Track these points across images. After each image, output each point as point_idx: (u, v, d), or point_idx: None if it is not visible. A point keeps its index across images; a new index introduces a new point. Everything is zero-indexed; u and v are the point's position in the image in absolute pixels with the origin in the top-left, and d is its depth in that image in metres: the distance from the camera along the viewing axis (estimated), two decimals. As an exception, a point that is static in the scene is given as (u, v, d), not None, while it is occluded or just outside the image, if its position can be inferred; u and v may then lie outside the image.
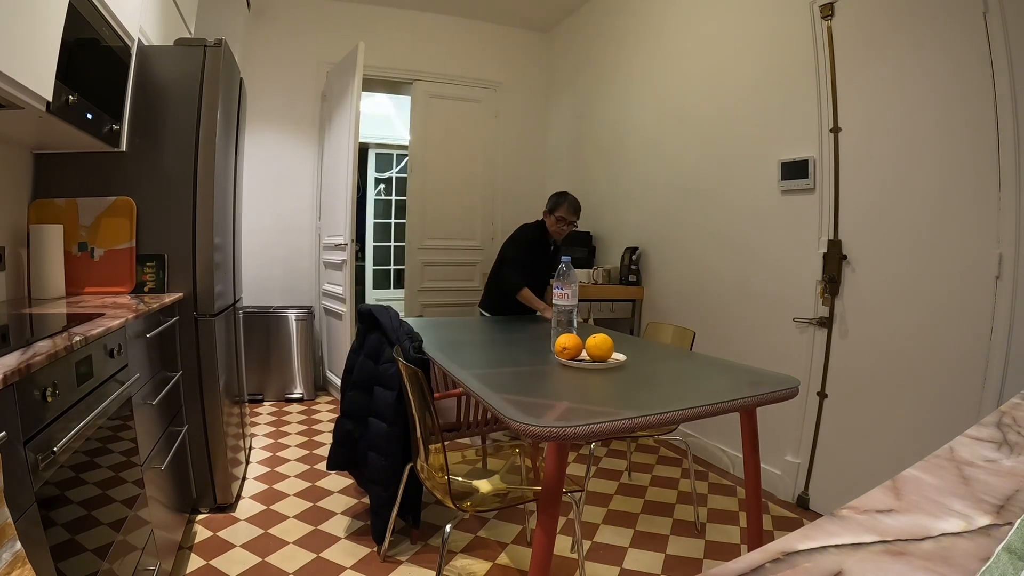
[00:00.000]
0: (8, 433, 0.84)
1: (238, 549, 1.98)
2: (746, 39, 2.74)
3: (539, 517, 1.31)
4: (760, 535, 1.66)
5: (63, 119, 1.52)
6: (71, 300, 1.83)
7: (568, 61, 4.49)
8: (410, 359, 1.80)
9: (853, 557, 0.39)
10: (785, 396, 1.49)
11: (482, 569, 1.93)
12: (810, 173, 2.36)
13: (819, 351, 2.35)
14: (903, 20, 2.03)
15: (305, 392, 3.83)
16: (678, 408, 1.31)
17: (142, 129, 2.06)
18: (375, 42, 3.97)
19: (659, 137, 3.36)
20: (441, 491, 1.59)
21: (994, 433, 0.63)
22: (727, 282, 2.82)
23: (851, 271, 2.24)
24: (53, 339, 1.10)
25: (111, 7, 1.75)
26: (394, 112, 6.22)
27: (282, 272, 4.08)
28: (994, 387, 1.78)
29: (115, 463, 1.33)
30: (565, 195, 2.86)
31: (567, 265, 1.86)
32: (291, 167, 4.09)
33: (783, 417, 2.47)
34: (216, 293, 2.19)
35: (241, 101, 2.68)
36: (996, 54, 1.75)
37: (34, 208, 1.97)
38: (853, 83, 2.21)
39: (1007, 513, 0.45)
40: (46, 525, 0.96)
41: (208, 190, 2.12)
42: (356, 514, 2.27)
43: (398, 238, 6.38)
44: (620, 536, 2.16)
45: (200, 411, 2.15)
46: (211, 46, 2.15)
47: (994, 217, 1.78)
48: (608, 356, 1.68)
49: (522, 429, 1.17)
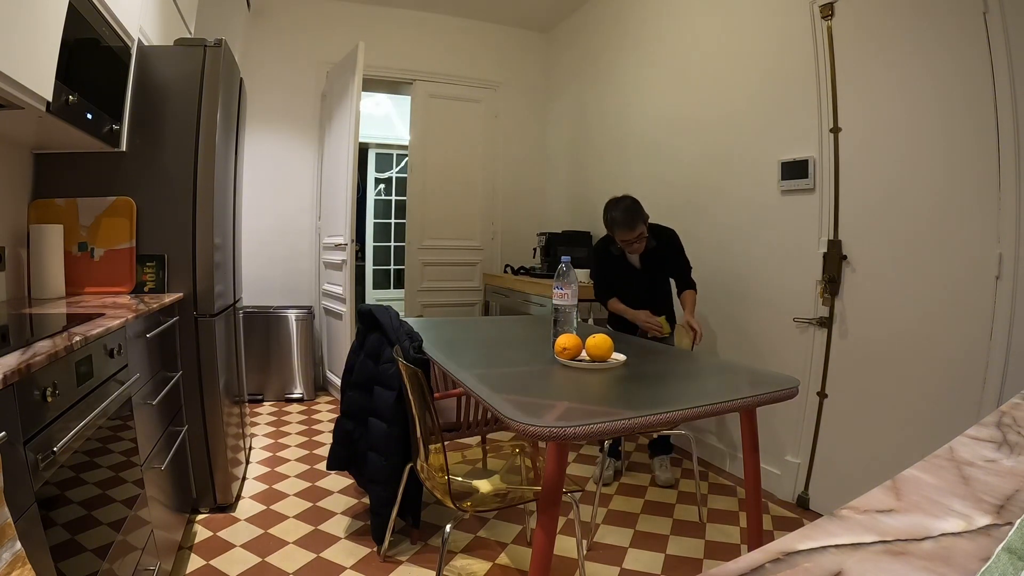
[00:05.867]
0: (8, 433, 0.84)
1: (238, 549, 1.98)
2: (746, 39, 2.74)
3: (539, 517, 1.31)
4: (760, 535, 1.66)
5: (63, 119, 1.52)
6: (71, 300, 1.83)
7: (568, 61, 4.49)
8: (410, 359, 1.80)
9: (853, 557, 0.39)
10: (785, 396, 1.49)
11: (482, 569, 1.93)
12: (810, 173, 2.36)
13: (819, 351, 2.35)
14: (903, 20, 2.03)
15: (305, 392, 3.83)
16: (678, 408, 1.31)
17: (142, 129, 2.06)
18: (375, 42, 3.97)
19: (659, 137, 3.36)
20: (441, 491, 1.59)
21: (994, 433, 0.63)
22: (727, 282, 2.82)
23: (851, 271, 2.24)
24: (53, 339, 1.10)
25: (111, 7, 1.75)
26: (394, 112, 6.22)
27: (282, 272, 4.08)
28: (994, 387, 1.78)
29: (115, 463, 1.33)
30: (607, 212, 2.48)
31: (567, 265, 1.86)
32: (291, 167, 4.09)
33: (783, 417, 2.47)
34: (216, 293, 2.19)
35: (241, 101, 2.68)
36: (996, 54, 1.75)
37: (34, 208, 1.97)
38: (853, 83, 2.21)
39: (1007, 513, 0.45)
40: (46, 525, 0.96)
41: (208, 190, 2.12)
42: (356, 514, 2.27)
43: (398, 238, 6.38)
44: (620, 536, 2.16)
45: (200, 411, 2.15)
46: (211, 46, 2.15)
47: (994, 217, 1.78)
48: (608, 356, 1.68)
49: (522, 429, 1.17)
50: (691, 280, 2.58)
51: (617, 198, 2.50)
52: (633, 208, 2.44)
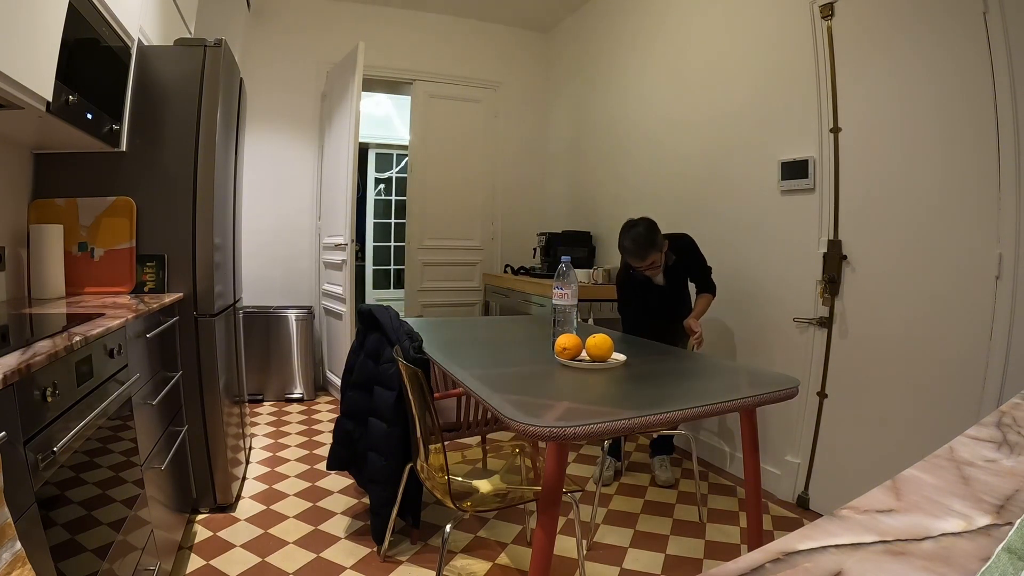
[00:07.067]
0: (8, 433, 0.84)
1: (238, 549, 1.98)
2: (746, 39, 2.74)
3: (539, 517, 1.31)
4: (760, 535, 1.66)
5: (63, 119, 1.52)
6: (71, 300, 1.83)
7: (568, 61, 4.49)
8: (410, 359, 1.80)
9: (853, 557, 0.39)
10: (785, 396, 1.49)
11: (482, 569, 1.93)
12: (810, 173, 2.36)
13: (819, 351, 2.35)
14: (903, 20, 2.03)
15: (305, 392, 3.83)
16: (678, 408, 1.31)
17: (142, 129, 2.06)
18: (375, 42, 3.97)
19: (659, 137, 3.36)
20: (441, 491, 1.59)
21: (994, 433, 0.63)
22: (727, 282, 2.81)
23: (851, 271, 2.24)
24: (53, 339, 1.10)
25: (111, 7, 1.75)
26: (394, 112, 6.22)
27: (282, 272, 4.08)
28: (994, 387, 1.78)
29: (115, 463, 1.33)
30: (620, 238, 2.39)
31: (567, 265, 1.86)
32: (291, 167, 4.09)
33: (783, 417, 2.47)
34: (216, 293, 2.18)
35: (241, 101, 2.68)
36: (996, 54, 1.75)
37: (34, 208, 1.97)
38: (853, 83, 2.21)
39: (1007, 513, 0.45)
40: (46, 525, 0.96)
41: (208, 190, 2.12)
42: (356, 514, 2.27)
43: (398, 238, 6.38)
44: (620, 536, 2.16)
45: (200, 411, 2.15)
46: (211, 46, 2.15)
47: (994, 217, 1.78)
48: (608, 356, 1.68)
49: (522, 429, 1.17)
50: (711, 283, 2.55)
51: (633, 222, 2.39)
52: (647, 237, 2.33)
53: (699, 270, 2.56)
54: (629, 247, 2.36)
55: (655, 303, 2.57)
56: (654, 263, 2.38)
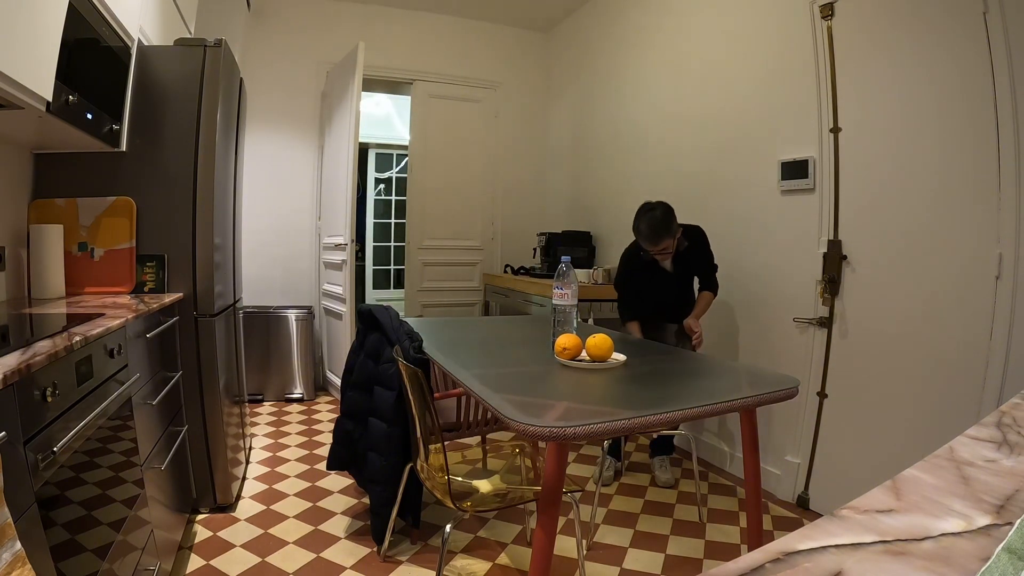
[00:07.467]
0: (8, 433, 0.84)
1: (238, 549, 1.98)
2: (746, 39, 2.74)
3: (539, 517, 1.31)
4: (760, 535, 1.66)
5: (63, 119, 1.52)
6: (71, 300, 1.83)
7: (568, 61, 4.49)
8: (410, 359, 1.80)
9: (853, 557, 0.39)
10: (785, 396, 1.49)
11: (482, 569, 1.93)
12: (810, 173, 2.36)
13: (819, 351, 2.35)
14: (903, 20, 2.03)
15: (305, 392, 3.83)
16: (678, 408, 1.31)
17: (142, 129, 2.06)
18: (375, 42, 3.97)
19: (659, 137, 3.36)
20: (441, 491, 1.59)
21: (994, 433, 0.63)
22: (727, 282, 2.81)
23: (851, 271, 2.24)
24: (53, 339, 1.10)
25: (111, 7, 1.75)
26: (394, 112, 6.22)
27: (282, 272, 4.08)
28: (994, 387, 1.78)
29: (115, 463, 1.33)
30: (636, 220, 2.40)
31: (567, 265, 1.86)
32: (291, 167, 4.09)
33: (783, 417, 2.47)
34: (216, 293, 2.19)
35: (241, 101, 2.68)
36: (996, 54, 1.75)
37: (34, 208, 1.97)
38: (853, 83, 2.21)
39: (1007, 513, 0.45)
40: (46, 525, 0.96)
41: (208, 190, 2.12)
42: (356, 514, 2.27)
43: (398, 238, 6.38)
44: (620, 536, 2.16)
45: (200, 411, 2.15)
46: (211, 46, 2.15)
47: (994, 217, 1.78)
48: (608, 356, 1.68)
49: (522, 429, 1.17)
50: (714, 280, 2.55)
51: (650, 205, 2.40)
52: (662, 222, 2.33)
53: (706, 264, 2.56)
54: (644, 231, 2.37)
55: (658, 287, 2.56)
56: (666, 248, 2.39)
